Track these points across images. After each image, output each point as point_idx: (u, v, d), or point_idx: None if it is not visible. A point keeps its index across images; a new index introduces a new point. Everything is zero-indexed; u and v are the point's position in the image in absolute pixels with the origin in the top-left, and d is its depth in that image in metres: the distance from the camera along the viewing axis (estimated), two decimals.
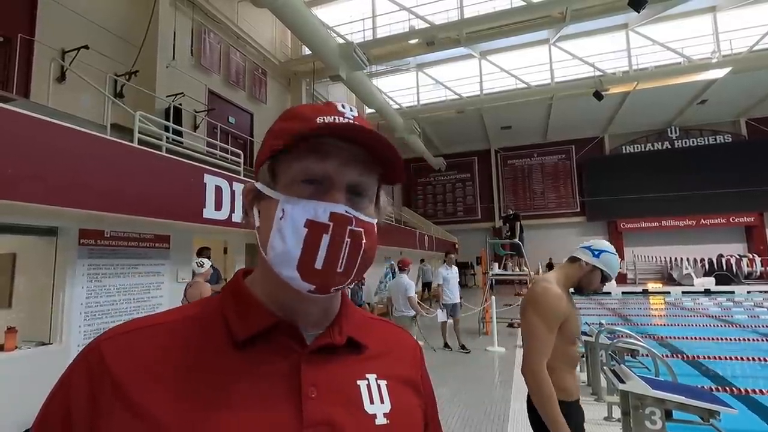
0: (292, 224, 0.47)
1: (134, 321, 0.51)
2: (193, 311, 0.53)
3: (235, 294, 0.54)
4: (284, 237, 0.47)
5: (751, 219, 19.34)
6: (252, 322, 0.50)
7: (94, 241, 4.33)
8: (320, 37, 10.22)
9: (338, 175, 0.49)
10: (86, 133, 3.77)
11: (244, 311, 0.51)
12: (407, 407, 0.55)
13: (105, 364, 0.46)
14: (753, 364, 5.86)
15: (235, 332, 0.49)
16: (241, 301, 0.52)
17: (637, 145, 21.71)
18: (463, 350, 6.73)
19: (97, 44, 7.84)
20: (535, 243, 17.12)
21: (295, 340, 0.51)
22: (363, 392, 0.51)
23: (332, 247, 0.47)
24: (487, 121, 19.89)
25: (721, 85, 15.87)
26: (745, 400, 4.25)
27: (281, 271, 0.48)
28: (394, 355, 0.59)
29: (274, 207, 0.49)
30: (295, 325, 0.51)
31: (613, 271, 1.82)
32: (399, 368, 0.58)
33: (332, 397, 0.49)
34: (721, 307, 11.96)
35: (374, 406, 0.51)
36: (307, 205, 0.48)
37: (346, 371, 0.52)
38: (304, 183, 0.49)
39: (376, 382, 0.53)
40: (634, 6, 9.70)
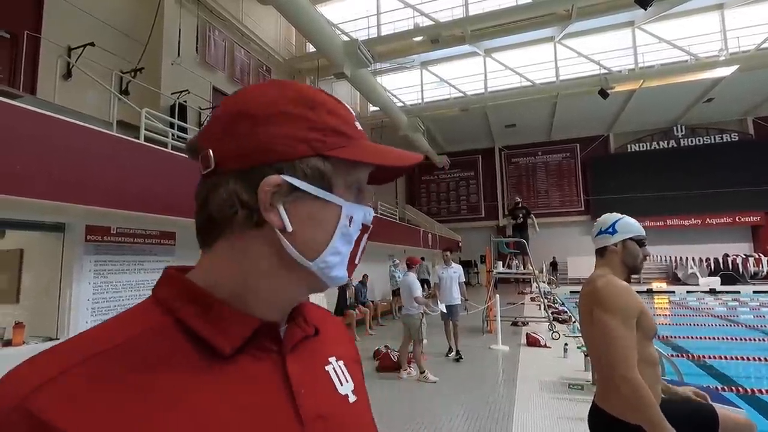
0: (356, 230, 0.49)
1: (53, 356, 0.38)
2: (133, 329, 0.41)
3: (196, 300, 0.44)
4: (351, 242, 0.49)
5: (757, 218, 19.18)
6: (234, 329, 0.44)
7: (101, 237, 4.35)
8: (325, 34, 10.21)
9: (366, 179, 0.53)
10: (93, 130, 3.79)
11: (217, 319, 0.44)
12: (361, 380, 0.59)
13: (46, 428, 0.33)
14: (759, 364, 5.81)
15: (219, 345, 0.42)
16: (209, 308, 0.44)
17: (642, 144, 21.58)
18: (456, 356, 6.33)
19: (103, 41, 7.86)
20: (539, 242, 17.05)
21: (271, 340, 0.47)
22: (333, 377, 0.53)
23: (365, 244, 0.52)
24: (491, 119, 19.83)
25: (728, 84, 15.73)
26: (751, 399, 4.23)
27: (333, 273, 0.48)
28: (334, 333, 0.60)
29: (335, 214, 0.47)
30: (276, 324, 0.48)
31: (638, 229, 1.69)
32: (343, 345, 0.60)
33: (315, 389, 0.49)
34: (727, 306, 11.88)
35: (344, 386, 0.53)
36: (362, 210, 0.50)
37: (316, 360, 0.52)
38: (352, 188, 0.50)
39: (337, 363, 0.55)
40: (641, 3, 9.61)
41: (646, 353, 1.52)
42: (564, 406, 4.18)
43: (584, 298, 1.65)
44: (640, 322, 1.51)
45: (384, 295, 12.22)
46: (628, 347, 1.43)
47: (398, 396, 4.78)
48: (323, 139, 0.46)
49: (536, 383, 4.99)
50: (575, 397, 4.43)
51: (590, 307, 1.57)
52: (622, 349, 1.42)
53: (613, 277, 1.59)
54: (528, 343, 7.15)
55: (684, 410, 1.66)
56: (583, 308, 1.66)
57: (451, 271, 6.74)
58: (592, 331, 1.58)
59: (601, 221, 1.77)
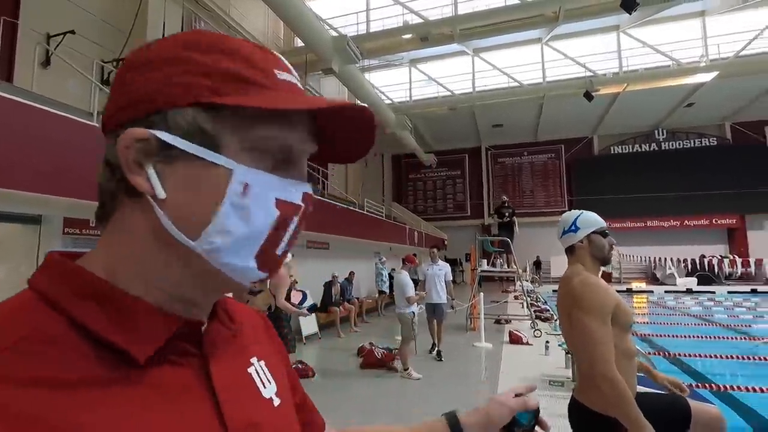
0: (261, 203, 0.37)
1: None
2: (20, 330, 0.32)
3: (95, 295, 0.36)
4: (250, 219, 0.37)
5: (733, 221, 19.79)
6: (148, 333, 0.36)
7: (79, 230, 4.25)
8: (313, 29, 10.13)
9: (305, 150, 0.42)
10: (72, 120, 3.69)
11: (126, 319, 0.35)
12: (284, 378, 0.53)
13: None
14: (731, 362, 6.01)
15: (132, 350, 0.34)
16: (114, 305, 0.36)
17: (625, 146, 22.02)
18: (436, 357, 6.20)
19: (84, 29, 7.65)
20: (524, 241, 17.26)
21: (191, 341, 0.40)
22: (255, 379, 0.46)
23: (296, 230, 0.41)
24: (478, 118, 19.97)
25: (708, 89, 16.15)
26: (724, 396, 4.36)
27: (232, 261, 0.37)
28: (254, 330, 0.53)
29: (223, 178, 0.37)
30: (199, 323, 0.41)
31: (599, 222, 1.73)
32: (264, 342, 0.54)
33: (240, 394, 0.43)
34: (703, 306, 12.24)
35: (267, 389, 0.47)
36: (279, 181, 0.39)
37: (238, 362, 0.45)
38: (268, 153, 0.39)
39: (259, 364, 0.48)
40: (626, 8, 9.79)
41: (623, 346, 1.56)
42: (545, 403, 4.25)
43: (562, 299, 1.68)
44: (616, 316, 1.55)
45: (370, 292, 12.23)
46: (606, 344, 1.47)
47: (382, 393, 4.80)
48: (212, 85, 0.37)
49: (518, 380, 5.06)
50: (556, 393, 4.50)
51: (569, 308, 1.60)
52: (601, 347, 1.46)
53: (587, 275, 1.63)
54: (511, 340, 7.24)
55: (659, 403, 1.72)
56: (561, 309, 1.69)
57: (437, 268, 6.56)
58: (571, 330, 1.62)
59: (562, 221, 1.79)
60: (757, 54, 14.59)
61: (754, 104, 18.04)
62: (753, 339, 7.32)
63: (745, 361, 5.92)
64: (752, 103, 17.95)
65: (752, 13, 14.64)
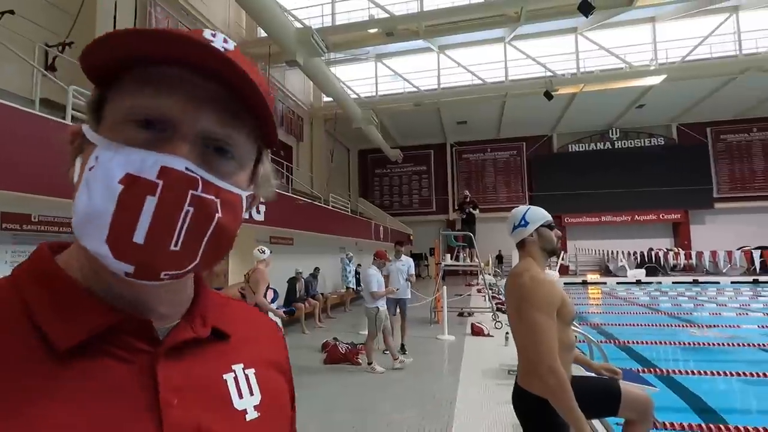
0: (103, 177, 0.34)
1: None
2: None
3: (44, 279, 0.37)
4: (91, 194, 0.34)
5: (678, 216, 21.17)
6: (80, 320, 0.35)
7: (19, 225, 3.97)
8: (277, 19, 9.88)
9: (186, 117, 0.37)
10: (10, 107, 3.43)
11: (64, 305, 0.36)
12: (276, 393, 0.49)
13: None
14: (674, 347, 6.46)
15: (55, 339, 0.34)
16: (58, 291, 0.37)
17: (581, 145, 22.99)
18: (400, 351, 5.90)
19: (25, 10, 7.10)
20: (486, 236, 17.71)
21: (142, 339, 0.38)
22: (231, 387, 0.43)
23: (161, 215, 0.34)
24: (443, 115, 20.23)
25: (657, 92, 17.12)
26: (666, 380, 4.68)
27: (88, 244, 0.35)
28: (257, 339, 0.51)
29: (90, 153, 0.36)
30: (145, 320, 0.39)
31: (546, 216, 1.81)
32: (265, 352, 0.51)
33: (197, 400, 0.40)
34: (650, 296, 13.03)
35: (243, 400, 0.43)
36: (129, 153, 0.35)
37: (210, 366, 0.43)
38: (138, 126, 0.36)
39: (243, 372, 0.45)
40: (583, 11, 10.18)
41: (564, 338, 1.65)
42: (503, 391, 4.39)
43: (511, 294, 1.74)
44: (560, 311, 1.63)
45: (336, 287, 12.18)
46: (553, 339, 1.55)
47: (346, 389, 4.80)
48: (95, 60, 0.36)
49: (479, 370, 5.21)
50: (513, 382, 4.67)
51: (517, 302, 1.67)
52: (548, 341, 1.54)
53: (537, 272, 1.70)
54: (473, 332, 7.43)
55: (592, 386, 1.88)
56: (510, 302, 1.76)
57: (400, 263, 6.68)
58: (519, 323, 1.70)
59: (512, 217, 1.87)
60: (701, 59, 15.60)
61: (698, 107, 19.29)
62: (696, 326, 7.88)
63: (686, 347, 6.37)
64: (696, 105, 19.19)
65: (698, 21, 15.62)
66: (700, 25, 15.54)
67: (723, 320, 8.45)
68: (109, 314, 0.37)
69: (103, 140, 0.36)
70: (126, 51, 0.35)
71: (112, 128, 0.36)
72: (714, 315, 9.37)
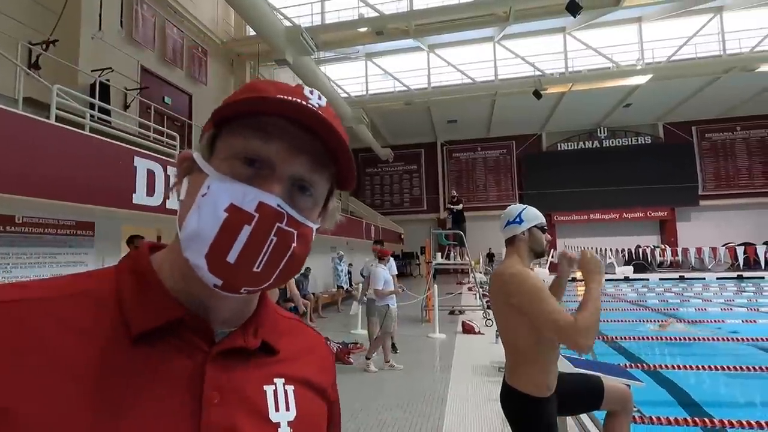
0: (213, 204, 0.41)
1: (15, 287, 0.41)
2: (80, 287, 0.43)
3: (137, 274, 0.45)
4: (201, 216, 0.41)
5: (665, 213, 21.50)
6: (154, 312, 0.43)
7: (3, 227, 3.89)
8: (265, 17, 9.82)
9: (283, 163, 0.44)
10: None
11: (145, 297, 0.44)
12: (312, 414, 0.52)
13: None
14: (660, 342, 6.56)
15: (133, 322, 0.42)
16: (144, 284, 0.44)
17: (570, 143, 23.22)
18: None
19: (7, 7, 6.97)
20: (477, 234, 17.82)
21: (202, 337, 0.45)
22: (269, 398, 0.47)
23: (252, 242, 0.41)
24: (434, 114, 20.28)
25: (644, 91, 17.35)
26: (653, 374, 4.75)
27: (189, 256, 0.42)
28: (305, 359, 0.55)
29: (202, 182, 0.43)
30: (205, 321, 0.45)
31: (540, 218, 1.83)
32: (309, 372, 0.54)
33: (236, 403, 0.44)
34: (638, 293, 13.22)
35: (279, 414, 0.47)
36: (235, 187, 0.42)
37: (253, 375, 0.48)
38: (244, 163, 0.43)
39: (283, 387, 0.49)
40: (571, 11, 10.29)
41: (546, 339, 1.63)
42: (493, 388, 4.42)
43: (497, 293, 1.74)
44: None
45: (327, 286, 12.15)
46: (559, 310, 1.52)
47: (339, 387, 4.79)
48: (223, 111, 0.44)
49: (469, 368, 5.24)
50: None
51: (506, 299, 1.66)
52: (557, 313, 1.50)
53: (520, 268, 1.70)
54: (464, 330, 7.47)
55: (576, 382, 1.92)
56: (496, 300, 1.76)
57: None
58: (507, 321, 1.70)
59: (507, 213, 1.88)
60: (687, 59, 15.85)
61: (683, 106, 19.60)
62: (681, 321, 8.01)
63: (671, 342, 6.47)
64: (681, 104, 19.49)
65: (684, 21, 15.86)
66: (685, 26, 15.78)
67: (708, 315, 8.61)
68: (179, 310, 0.44)
69: (215, 172, 0.43)
70: (251, 108, 0.43)
71: (222, 162, 0.44)
72: (700, 310, 9.53)
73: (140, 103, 9.24)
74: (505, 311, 1.70)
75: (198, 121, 11.68)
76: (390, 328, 5.43)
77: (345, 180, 0.50)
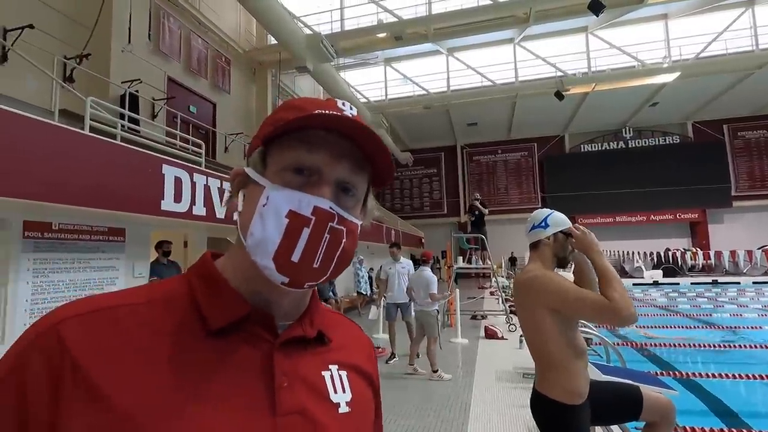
0: (274, 212, 0.47)
1: (90, 300, 0.47)
2: (158, 293, 0.50)
3: (207, 278, 0.52)
4: (265, 224, 0.47)
5: (695, 215, 20.72)
6: (227, 309, 0.49)
7: (40, 233, 4.07)
8: (287, 26, 10.01)
9: (328, 168, 0.49)
10: (30, 119, 3.53)
11: (217, 298, 0.50)
12: (363, 397, 0.57)
13: (65, 348, 0.42)
14: (693, 350, 6.31)
15: (210, 319, 0.47)
16: (214, 287, 0.51)
17: (594, 144, 22.71)
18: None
19: (44, 24, 7.32)
20: (498, 238, 17.61)
21: (267, 330, 0.50)
22: (327, 382, 0.53)
23: (311, 241, 0.47)
24: (453, 117, 20.18)
25: (671, 89, 16.83)
26: (686, 382, 4.58)
27: (257, 259, 0.47)
28: (352, 348, 0.61)
29: (260, 193, 0.48)
30: (270, 315, 0.51)
31: (566, 223, 1.80)
32: (358, 360, 0.59)
33: (302, 386, 0.50)
34: (668, 297, 12.77)
35: (338, 395, 0.52)
36: (292, 195, 0.47)
37: (312, 362, 0.53)
38: (294, 173, 0.48)
39: (338, 372, 0.54)
40: (593, 10, 10.09)
41: (574, 343, 1.62)
42: (518, 395, 4.35)
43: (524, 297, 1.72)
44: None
45: (347, 291, 12.19)
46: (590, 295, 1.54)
47: None
48: (271, 129, 0.49)
49: (493, 374, 5.16)
50: (528, 385, 4.60)
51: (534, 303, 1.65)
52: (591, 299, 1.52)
53: (542, 270, 1.69)
54: (486, 335, 7.37)
55: (613, 390, 1.84)
56: (522, 306, 1.73)
57: (399, 266, 6.19)
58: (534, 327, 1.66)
59: (533, 217, 1.86)
60: (716, 56, 15.31)
61: (714, 104, 18.92)
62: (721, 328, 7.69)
63: (705, 349, 6.22)
64: (711, 102, 18.82)
65: (712, 17, 15.35)
66: (714, 21, 15.26)
67: (745, 321, 8.24)
68: (246, 306, 0.49)
69: (271, 184, 0.48)
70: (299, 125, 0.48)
71: (275, 174, 0.49)
72: (735, 316, 9.14)
73: (167, 112, 9.54)
74: (531, 316, 1.67)
75: (222, 128, 11.96)
76: (436, 333, 5.32)
77: (382, 177, 0.55)
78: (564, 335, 1.58)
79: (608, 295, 1.48)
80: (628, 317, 1.46)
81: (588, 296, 1.53)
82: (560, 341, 1.59)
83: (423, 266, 5.68)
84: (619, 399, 1.82)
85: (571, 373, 1.60)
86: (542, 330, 1.62)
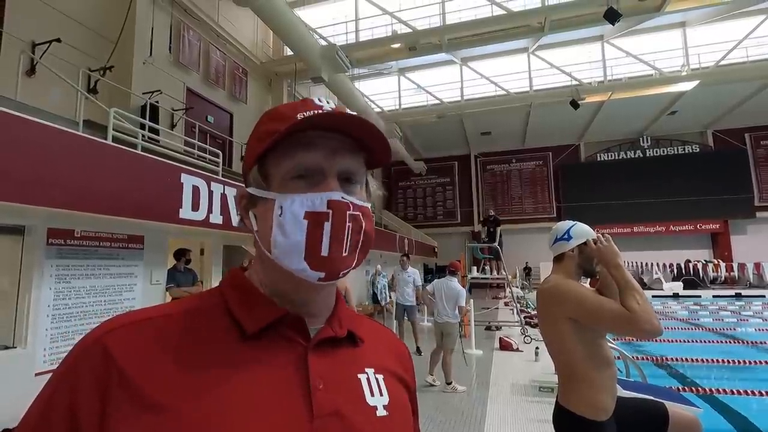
0: (293, 218, 0.48)
1: (130, 313, 0.50)
2: (193, 304, 0.53)
3: (239, 288, 0.54)
4: (286, 232, 0.48)
5: (717, 226, 20.17)
6: (260, 314, 0.51)
7: (63, 240, 4.17)
8: (302, 38, 10.18)
9: (329, 164, 0.51)
10: (56, 129, 3.65)
11: (250, 304, 0.52)
12: (402, 402, 0.57)
13: (111, 357, 0.45)
14: (717, 365, 6.10)
15: (245, 325, 0.50)
16: (247, 295, 0.53)
17: (611, 153, 22.38)
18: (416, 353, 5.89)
19: (70, 38, 7.59)
20: (513, 247, 17.41)
21: (300, 333, 0.52)
22: (364, 385, 0.53)
23: (335, 233, 0.49)
24: (467, 126, 20.15)
25: (690, 97, 16.53)
26: (710, 399, 4.42)
27: (290, 265, 0.49)
28: (385, 351, 0.61)
29: (272, 207, 0.50)
30: (302, 318, 0.52)
31: (589, 234, 1.77)
32: (392, 365, 0.60)
33: (338, 389, 0.50)
34: (689, 310, 12.41)
35: (374, 398, 0.53)
36: (304, 198, 0.49)
37: (347, 364, 0.54)
38: (296, 179, 0.50)
39: (374, 375, 0.55)
40: (609, 19, 10.02)
41: (601, 354, 1.58)
42: (534, 408, 4.26)
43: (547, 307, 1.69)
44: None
45: (360, 299, 12.17)
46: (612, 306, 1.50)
47: None
48: (262, 145, 0.50)
49: (508, 386, 5.08)
50: (545, 399, 4.52)
51: (556, 314, 1.62)
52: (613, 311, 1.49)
53: (563, 280, 1.66)
54: (501, 346, 7.26)
55: (638, 407, 1.80)
56: (547, 315, 1.70)
57: (406, 275, 7.18)
58: (556, 333, 1.63)
59: (556, 229, 1.83)
60: (736, 63, 15.01)
61: (734, 112, 18.50)
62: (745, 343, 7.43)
63: (729, 365, 6.01)
64: (732, 111, 18.41)
65: (731, 24, 15.08)
66: (734, 29, 14.99)
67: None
68: (279, 310, 0.51)
69: (279, 195, 0.50)
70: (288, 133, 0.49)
71: (280, 183, 0.51)
72: (761, 331, 8.83)
73: (185, 122, 9.75)
74: (553, 326, 1.64)
75: (239, 138, 12.16)
76: (455, 344, 5.28)
77: (378, 156, 0.56)
78: (587, 345, 1.55)
79: (628, 305, 1.45)
80: (651, 330, 1.42)
81: (607, 306, 1.50)
82: (582, 352, 1.55)
83: (451, 277, 5.58)
84: (644, 416, 1.76)
85: (595, 386, 1.55)
86: (563, 340, 1.59)
